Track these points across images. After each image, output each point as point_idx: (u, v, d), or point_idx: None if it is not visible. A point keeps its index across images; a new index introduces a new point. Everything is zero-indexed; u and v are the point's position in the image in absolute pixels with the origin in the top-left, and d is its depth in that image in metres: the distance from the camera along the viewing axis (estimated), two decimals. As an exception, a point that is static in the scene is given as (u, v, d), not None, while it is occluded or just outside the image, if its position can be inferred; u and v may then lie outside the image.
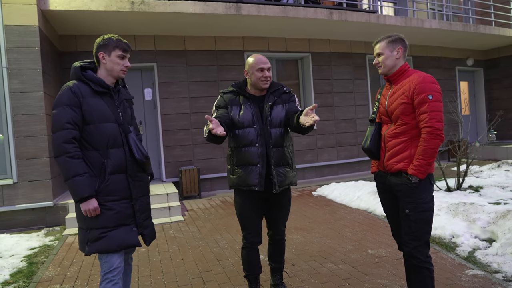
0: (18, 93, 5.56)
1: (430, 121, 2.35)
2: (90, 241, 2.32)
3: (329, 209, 6.03)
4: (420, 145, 2.40)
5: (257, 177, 2.77)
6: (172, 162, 7.68)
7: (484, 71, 12.13)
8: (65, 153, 2.24)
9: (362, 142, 2.75)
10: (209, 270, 3.80)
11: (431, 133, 2.35)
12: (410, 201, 2.44)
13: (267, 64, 2.84)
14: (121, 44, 2.43)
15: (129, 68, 2.63)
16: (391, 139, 2.54)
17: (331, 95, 9.13)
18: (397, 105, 2.48)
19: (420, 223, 2.43)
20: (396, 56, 2.56)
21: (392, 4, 10.95)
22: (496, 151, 10.54)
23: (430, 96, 2.37)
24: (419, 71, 2.52)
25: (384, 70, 2.61)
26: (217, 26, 7.41)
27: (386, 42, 2.58)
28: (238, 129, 2.83)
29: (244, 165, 2.81)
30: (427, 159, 2.37)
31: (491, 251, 3.79)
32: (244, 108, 2.84)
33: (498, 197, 5.93)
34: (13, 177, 5.56)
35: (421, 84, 2.40)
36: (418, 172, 2.38)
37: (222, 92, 2.97)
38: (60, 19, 6.35)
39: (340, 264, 3.77)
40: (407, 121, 2.46)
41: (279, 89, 2.94)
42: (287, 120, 2.88)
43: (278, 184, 2.81)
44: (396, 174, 2.52)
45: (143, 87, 7.78)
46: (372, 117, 2.75)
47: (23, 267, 4.11)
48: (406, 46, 2.61)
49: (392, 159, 2.52)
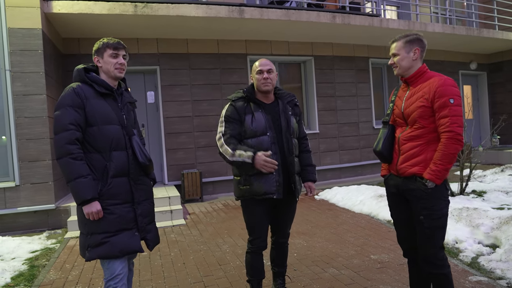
0: (21, 95, 5.57)
1: (451, 126, 2.27)
2: (91, 247, 2.28)
3: (332, 213, 6.00)
4: (439, 149, 2.31)
5: (275, 185, 2.73)
6: (174, 165, 7.67)
7: (488, 75, 12.09)
8: (68, 154, 2.21)
9: (374, 144, 2.67)
10: (211, 274, 3.78)
11: (452, 138, 2.27)
12: (424, 208, 2.37)
13: (266, 67, 2.81)
14: (111, 43, 2.40)
15: (132, 71, 2.63)
16: (407, 142, 2.46)
17: (333, 99, 9.11)
18: (415, 108, 2.40)
19: (434, 230, 2.37)
20: (412, 58, 2.47)
21: (395, 8, 10.95)
22: (499, 155, 10.48)
23: (451, 100, 2.29)
24: (439, 74, 2.44)
25: (399, 72, 2.54)
26: (220, 29, 7.41)
27: (403, 42, 2.49)
28: (251, 138, 2.77)
29: (259, 174, 2.70)
30: (446, 164, 2.29)
31: (494, 257, 3.75)
32: (257, 116, 2.78)
33: (501, 202, 5.89)
34: (15, 180, 5.57)
35: (442, 87, 2.32)
36: (435, 178, 2.30)
37: (231, 100, 2.86)
38: (63, 22, 6.37)
39: (342, 269, 3.74)
40: (425, 124, 2.38)
41: (292, 100, 2.96)
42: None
43: (300, 191, 2.90)
44: (410, 178, 2.44)
45: (146, 90, 7.79)
46: (385, 119, 2.66)
47: (24, 270, 4.10)
48: (424, 46, 2.50)
49: (406, 162, 2.45)
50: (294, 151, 2.86)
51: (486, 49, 11.30)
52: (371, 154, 9.51)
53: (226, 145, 2.71)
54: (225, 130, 2.77)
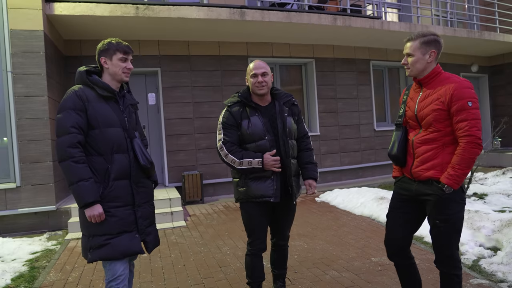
0: (22, 97, 5.58)
1: (471, 130, 2.20)
2: (92, 248, 2.30)
3: (332, 216, 5.99)
4: (458, 153, 2.24)
5: (272, 188, 2.74)
6: (175, 167, 7.67)
7: (489, 78, 12.09)
8: (70, 157, 2.21)
9: (389, 148, 2.58)
10: (211, 276, 3.77)
11: (472, 142, 2.20)
12: (441, 212, 2.32)
13: (260, 70, 2.77)
14: (121, 47, 2.41)
15: (133, 73, 2.63)
16: (421, 145, 2.39)
17: (334, 101, 9.11)
18: (430, 111, 2.32)
19: (451, 233, 2.35)
20: (427, 60, 2.36)
21: (396, 10, 10.96)
22: (501, 158, 10.47)
23: (469, 103, 2.21)
24: (454, 75, 2.36)
25: (412, 73, 2.43)
26: (221, 31, 7.42)
27: (419, 42, 2.36)
28: (250, 143, 2.78)
29: (257, 177, 2.75)
30: (464, 168, 2.22)
31: (496, 259, 3.74)
32: (253, 120, 2.77)
33: (503, 205, 5.88)
34: (16, 181, 5.57)
35: (459, 90, 2.24)
36: (453, 182, 2.22)
37: (227, 106, 2.86)
38: (65, 24, 6.39)
39: (343, 271, 3.73)
40: (440, 128, 2.31)
41: (289, 100, 2.91)
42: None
43: (297, 194, 2.86)
44: (426, 182, 2.36)
45: (147, 91, 7.80)
46: (398, 121, 2.57)
47: (24, 271, 4.10)
48: (440, 47, 2.39)
49: (421, 166, 2.37)
50: (291, 153, 2.83)
51: (487, 51, 11.31)
52: (372, 157, 9.51)
53: (231, 154, 2.72)
54: (224, 138, 2.78)
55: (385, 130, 9.61)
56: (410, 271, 2.64)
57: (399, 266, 2.66)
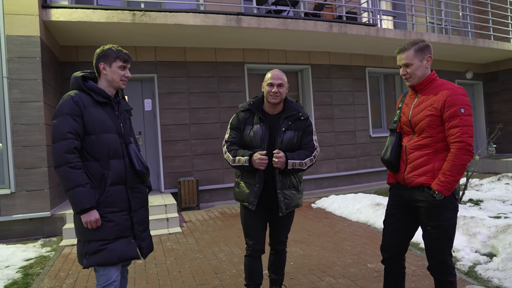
0: (18, 102, 5.56)
1: (462, 136, 2.21)
2: (88, 254, 2.28)
3: (328, 222, 5.98)
4: (449, 160, 2.25)
5: (253, 196, 2.82)
6: (171, 173, 7.65)
7: (484, 85, 12.19)
8: (67, 163, 2.20)
9: (382, 152, 2.60)
10: (207, 283, 3.75)
11: (463, 149, 2.21)
12: (432, 219, 2.33)
13: (277, 81, 2.85)
14: (121, 55, 2.43)
15: (130, 79, 2.64)
16: (414, 151, 2.40)
17: (330, 107, 9.15)
18: (423, 116, 2.34)
19: (442, 240, 2.35)
20: (426, 66, 2.40)
21: (391, 18, 11.05)
22: (496, 164, 10.52)
23: (462, 109, 2.24)
24: (448, 82, 2.38)
25: (414, 82, 2.43)
26: (217, 38, 7.45)
27: (414, 50, 2.39)
28: (249, 148, 2.88)
29: (246, 182, 2.90)
30: (455, 175, 2.23)
31: (491, 266, 3.74)
32: (256, 129, 2.86)
33: (498, 211, 5.90)
34: (10, 187, 5.53)
35: (453, 97, 2.26)
36: (444, 189, 2.24)
37: (239, 109, 3.00)
38: (62, 30, 6.39)
39: (339, 278, 3.72)
40: (433, 134, 2.32)
41: (294, 114, 2.90)
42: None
43: (285, 207, 2.83)
44: (418, 188, 2.38)
45: (143, 97, 7.80)
46: (393, 126, 2.59)
47: (18, 278, 4.06)
48: (432, 52, 2.44)
49: (414, 172, 2.39)
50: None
51: (481, 58, 11.41)
52: (368, 163, 9.53)
53: (228, 152, 2.88)
54: (228, 137, 2.95)
55: (381, 136, 9.64)
56: (398, 279, 2.65)
57: (389, 272, 2.67)
